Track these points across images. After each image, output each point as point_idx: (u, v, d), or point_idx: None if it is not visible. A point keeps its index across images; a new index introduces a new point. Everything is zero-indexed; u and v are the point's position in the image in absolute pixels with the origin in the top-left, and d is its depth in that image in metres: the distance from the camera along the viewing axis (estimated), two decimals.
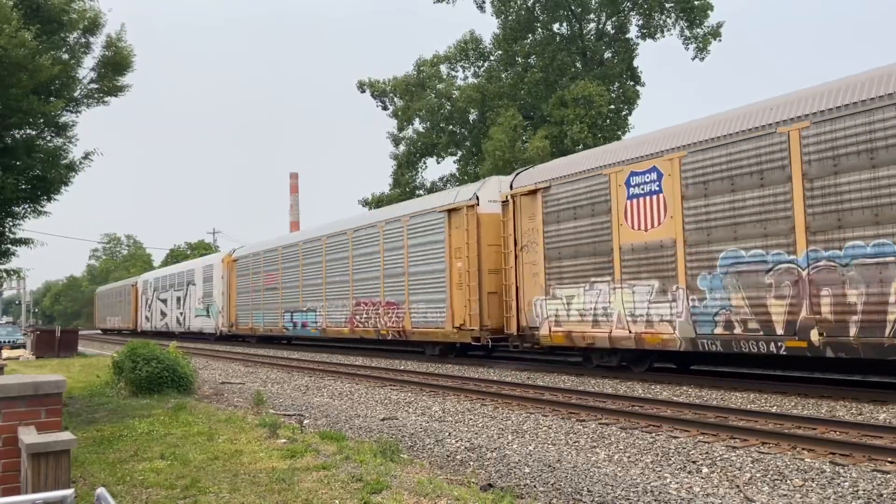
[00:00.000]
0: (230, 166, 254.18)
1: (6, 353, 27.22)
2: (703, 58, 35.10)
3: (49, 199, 14.56)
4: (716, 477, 6.24)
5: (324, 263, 24.34)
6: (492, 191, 17.34)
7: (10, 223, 14.64)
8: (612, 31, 37.34)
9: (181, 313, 39.34)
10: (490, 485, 6.32)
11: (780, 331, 10.38)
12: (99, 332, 63.95)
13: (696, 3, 33.80)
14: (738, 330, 11.00)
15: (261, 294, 29.27)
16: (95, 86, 14.56)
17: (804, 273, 10.07)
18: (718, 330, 11.30)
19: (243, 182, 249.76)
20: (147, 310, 46.55)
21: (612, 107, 34.26)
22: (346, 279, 22.77)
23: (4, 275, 16.71)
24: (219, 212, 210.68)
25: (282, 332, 27.69)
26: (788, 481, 5.96)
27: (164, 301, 42.78)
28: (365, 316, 21.51)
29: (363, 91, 40.84)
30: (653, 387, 12.06)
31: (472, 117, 39.19)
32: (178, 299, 40.06)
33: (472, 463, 7.24)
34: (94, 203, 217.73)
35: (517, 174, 16.33)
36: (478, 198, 17.31)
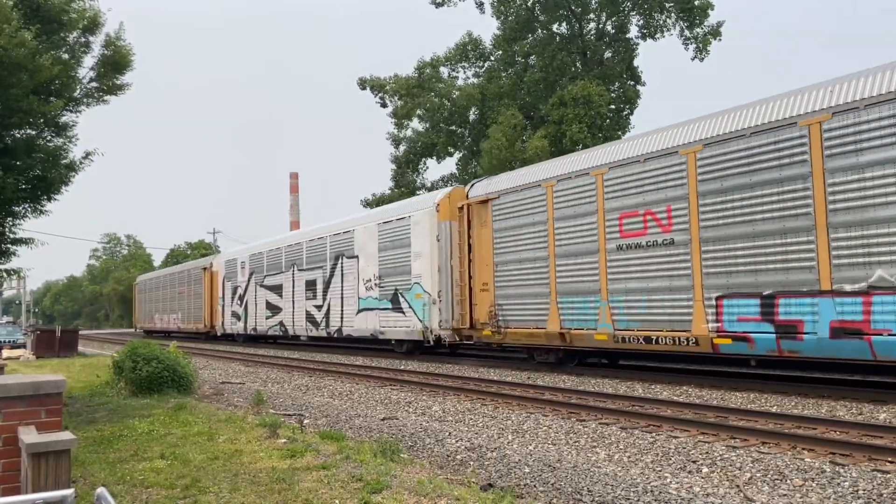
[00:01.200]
0: (230, 166, 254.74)
1: (6, 353, 27.23)
2: (703, 58, 35.13)
3: (49, 199, 14.58)
4: (716, 477, 6.24)
5: None
6: None
7: (10, 223, 14.65)
8: (612, 31, 37.35)
9: (318, 307, 24.63)
10: (490, 485, 6.31)
11: None
12: (141, 332, 48.91)
13: (696, 2, 33.82)
14: None
15: (585, 260, 13.68)
16: (95, 85, 14.59)
17: None
18: None
19: (243, 182, 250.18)
20: (236, 303, 32.03)
21: (613, 107, 34.28)
22: None
23: (4, 275, 16.71)
24: (219, 212, 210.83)
25: (704, 343, 11.48)
26: (788, 481, 5.96)
27: (276, 289, 28.04)
28: None
29: (364, 88, 40.79)
30: (653, 387, 12.06)
31: (472, 117, 39.19)
32: (311, 284, 25.21)
33: (472, 463, 7.24)
34: (94, 203, 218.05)
35: None
36: None
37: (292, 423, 9.38)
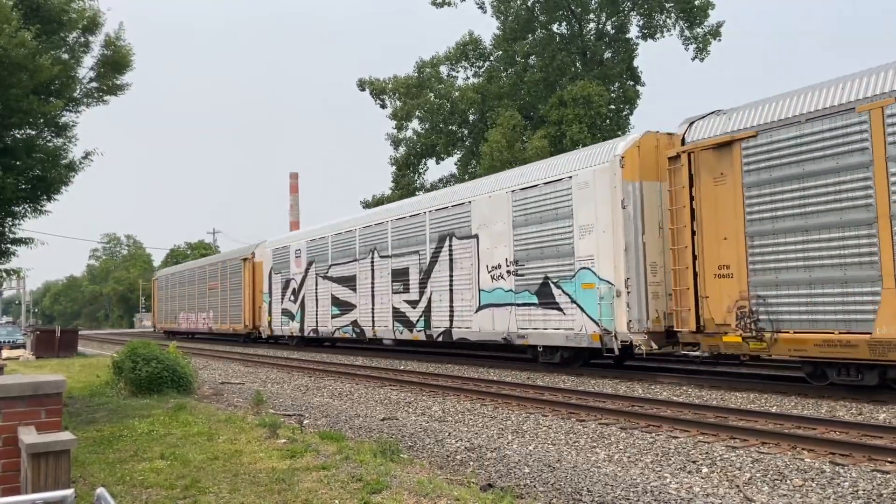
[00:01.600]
0: (230, 166, 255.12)
1: (6, 353, 27.22)
2: (703, 58, 35.14)
3: (49, 199, 14.57)
4: (716, 477, 6.24)
5: None
6: None
7: (10, 223, 14.64)
8: (612, 31, 37.36)
9: (412, 302, 19.52)
10: (490, 485, 6.31)
11: None
12: (161, 333, 42.55)
13: (696, 2, 33.84)
14: None
15: None
16: (95, 85, 14.58)
17: None
18: None
19: (243, 182, 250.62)
20: (288, 300, 26.94)
21: (612, 107, 34.29)
22: None
23: (4, 275, 16.72)
24: (219, 212, 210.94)
25: None
26: (788, 481, 5.96)
27: (346, 281, 22.92)
28: None
29: (363, 89, 40.77)
30: (653, 387, 12.06)
31: (471, 117, 39.18)
32: (401, 274, 20.03)
33: (472, 463, 7.24)
34: (94, 203, 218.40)
35: None
36: None
37: (292, 424, 9.39)
